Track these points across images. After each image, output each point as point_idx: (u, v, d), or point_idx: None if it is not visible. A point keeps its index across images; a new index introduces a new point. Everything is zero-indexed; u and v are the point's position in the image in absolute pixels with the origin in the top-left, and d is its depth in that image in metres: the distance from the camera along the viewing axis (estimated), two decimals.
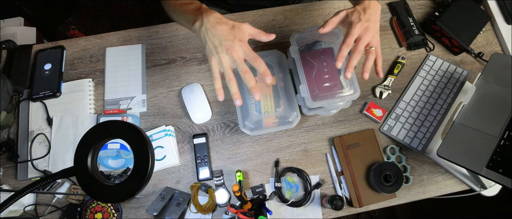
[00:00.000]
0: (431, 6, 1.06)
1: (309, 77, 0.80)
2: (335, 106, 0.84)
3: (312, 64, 0.81)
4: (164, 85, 0.95)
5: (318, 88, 0.79)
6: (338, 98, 0.78)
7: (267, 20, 1.02)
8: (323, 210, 0.86)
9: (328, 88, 0.80)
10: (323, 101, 0.78)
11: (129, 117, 0.89)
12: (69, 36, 1.85)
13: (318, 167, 0.89)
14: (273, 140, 0.91)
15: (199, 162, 0.87)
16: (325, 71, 0.81)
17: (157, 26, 1.00)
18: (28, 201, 0.83)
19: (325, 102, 0.79)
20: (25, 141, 0.87)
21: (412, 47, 1.00)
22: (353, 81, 0.79)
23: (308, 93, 0.78)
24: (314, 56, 0.82)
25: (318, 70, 0.80)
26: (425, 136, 0.90)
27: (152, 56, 0.97)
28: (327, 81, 0.80)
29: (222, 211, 0.85)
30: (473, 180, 0.87)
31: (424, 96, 0.95)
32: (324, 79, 0.80)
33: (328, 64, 0.81)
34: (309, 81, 0.79)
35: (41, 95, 0.89)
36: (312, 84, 0.79)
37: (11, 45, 0.96)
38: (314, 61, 0.81)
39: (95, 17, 2.00)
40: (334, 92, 0.79)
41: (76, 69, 0.95)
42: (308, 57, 0.81)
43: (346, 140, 0.89)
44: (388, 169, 0.83)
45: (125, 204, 0.85)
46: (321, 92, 0.79)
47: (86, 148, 0.52)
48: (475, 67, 0.99)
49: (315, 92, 0.79)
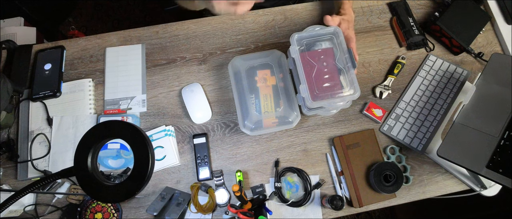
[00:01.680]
0: (431, 6, 1.06)
1: (309, 77, 0.80)
2: (335, 106, 0.84)
3: (312, 64, 0.81)
4: (164, 85, 0.95)
5: (318, 88, 0.79)
6: (338, 98, 0.78)
7: (267, 20, 1.02)
8: (323, 210, 0.86)
9: (328, 88, 0.80)
10: (323, 102, 0.78)
11: (129, 117, 0.89)
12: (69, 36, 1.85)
13: (318, 167, 0.89)
14: (273, 140, 0.91)
15: (199, 162, 0.87)
16: (325, 71, 0.81)
17: (157, 26, 1.00)
18: (28, 201, 0.83)
19: (325, 103, 0.79)
20: (25, 141, 0.87)
21: (412, 47, 1.00)
22: (353, 81, 0.79)
23: (308, 93, 0.78)
24: (314, 56, 0.82)
25: (318, 70, 0.80)
26: (425, 136, 0.90)
27: (152, 56, 0.97)
28: (327, 81, 0.80)
29: (222, 211, 0.85)
30: (473, 180, 0.87)
31: (424, 96, 0.95)
32: (324, 79, 0.80)
33: (328, 64, 0.81)
34: (309, 81, 0.79)
35: (41, 95, 0.89)
36: (312, 84, 0.79)
37: (11, 45, 0.96)
38: (314, 61, 0.81)
39: (95, 17, 2.00)
40: (334, 92, 0.79)
41: (76, 69, 0.95)
42: (308, 57, 0.81)
43: (346, 140, 0.89)
44: (388, 169, 0.83)
45: (125, 204, 0.85)
46: (321, 92, 0.79)
47: (86, 148, 0.52)
48: (475, 67, 0.99)
49: (315, 92, 0.79)
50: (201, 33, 1.00)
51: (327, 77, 0.80)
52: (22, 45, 0.97)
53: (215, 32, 1.00)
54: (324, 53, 0.82)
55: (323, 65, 0.81)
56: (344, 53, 0.81)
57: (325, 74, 0.80)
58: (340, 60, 0.81)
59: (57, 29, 1.90)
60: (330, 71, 0.81)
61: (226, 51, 0.98)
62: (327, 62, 0.81)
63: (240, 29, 1.00)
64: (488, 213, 1.16)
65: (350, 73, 0.80)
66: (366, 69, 0.98)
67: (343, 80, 0.80)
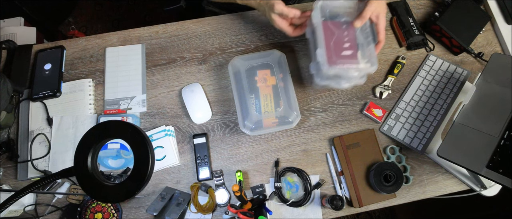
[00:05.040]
0: (431, 6, 1.06)
1: (328, 43, 0.78)
2: (349, 78, 0.80)
3: (332, 31, 0.80)
4: (164, 85, 0.95)
5: (336, 55, 0.77)
6: (354, 68, 0.76)
7: (267, 20, 1.01)
8: (323, 210, 0.86)
9: (345, 57, 0.78)
10: (338, 68, 0.76)
11: (129, 117, 0.89)
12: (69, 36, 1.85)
13: (318, 167, 0.89)
14: (273, 140, 0.91)
15: (199, 162, 0.87)
16: (345, 41, 0.79)
17: (157, 26, 1.00)
18: (28, 201, 0.83)
19: (340, 70, 0.76)
20: (25, 141, 0.87)
21: (412, 47, 1.00)
22: (372, 55, 0.77)
23: (325, 58, 0.75)
24: (335, 26, 0.81)
25: (337, 38, 0.79)
26: (425, 136, 0.90)
27: (152, 56, 0.97)
28: (345, 50, 0.78)
29: (222, 211, 0.85)
30: (473, 180, 0.87)
31: (424, 96, 0.95)
32: (342, 48, 0.78)
33: (349, 35, 0.79)
34: (327, 46, 0.77)
35: (41, 95, 0.89)
36: (330, 50, 0.77)
37: (11, 45, 0.96)
38: (335, 30, 0.80)
39: (95, 17, 2.00)
40: (352, 61, 0.77)
41: (76, 69, 0.95)
42: (329, 24, 0.80)
43: (346, 140, 0.89)
44: (388, 169, 0.83)
45: (125, 204, 0.85)
46: (338, 58, 0.77)
47: (86, 148, 0.52)
48: (475, 67, 0.99)
49: (332, 58, 0.76)
50: (201, 33, 1.00)
51: (346, 46, 0.78)
52: (22, 45, 0.97)
53: (215, 32, 1.00)
54: (346, 25, 0.81)
55: (344, 34, 0.79)
56: (366, 27, 0.80)
57: (344, 44, 0.78)
58: (361, 33, 0.80)
59: (57, 29, 1.90)
60: (349, 41, 0.79)
61: (226, 51, 0.98)
62: (348, 33, 0.80)
63: (240, 29, 1.00)
64: (488, 213, 1.16)
65: (370, 47, 0.78)
66: None
67: (361, 54, 0.79)
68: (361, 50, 0.79)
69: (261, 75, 0.88)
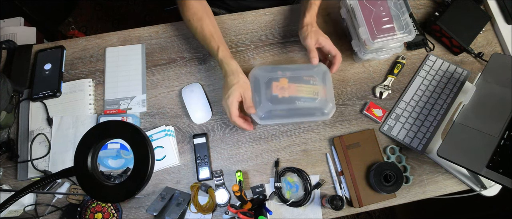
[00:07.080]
0: (431, 6, 1.06)
1: (368, 20, 0.87)
2: (388, 50, 0.92)
3: (370, 9, 0.88)
4: (164, 85, 0.95)
5: (377, 30, 0.87)
6: (394, 39, 0.86)
7: (267, 20, 1.02)
8: (323, 210, 0.86)
9: (385, 30, 0.87)
10: (382, 41, 0.86)
11: (129, 117, 0.89)
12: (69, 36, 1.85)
13: (318, 167, 0.89)
14: (273, 140, 0.91)
15: (199, 162, 0.87)
16: (383, 15, 0.88)
17: (157, 26, 1.00)
18: (28, 201, 0.83)
19: (383, 42, 0.86)
20: (25, 141, 0.87)
21: (412, 47, 1.00)
22: (408, 24, 0.87)
23: (369, 35, 0.85)
24: (371, 2, 0.89)
25: (375, 14, 0.88)
26: (425, 136, 0.90)
27: (152, 56, 0.97)
28: (384, 23, 0.88)
29: (222, 211, 0.85)
30: (473, 180, 0.87)
31: (424, 96, 0.95)
32: (381, 22, 0.88)
33: (385, 9, 0.89)
34: (368, 23, 0.87)
35: (41, 95, 0.89)
36: (371, 26, 0.87)
37: (11, 45, 0.96)
38: (372, 7, 0.89)
39: (95, 17, 2.00)
40: (391, 33, 0.87)
41: (76, 69, 0.95)
42: (365, 3, 0.89)
43: (346, 140, 0.89)
44: (388, 169, 0.83)
45: (125, 204, 0.85)
46: (379, 33, 0.86)
47: (86, 148, 0.52)
48: (475, 67, 0.99)
49: (374, 33, 0.86)
50: None
51: (385, 20, 0.88)
52: (22, 45, 0.97)
53: None
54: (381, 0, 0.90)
55: (380, 10, 0.89)
56: None
57: (382, 18, 0.88)
58: (395, 5, 0.89)
59: (57, 29, 1.90)
60: (386, 15, 0.88)
61: None
62: (383, 7, 0.89)
63: (240, 29, 1.00)
64: (488, 213, 1.16)
65: (405, 17, 0.87)
66: (366, 69, 0.98)
67: (397, 24, 0.88)
68: (396, 21, 0.88)
69: (279, 84, 0.85)
